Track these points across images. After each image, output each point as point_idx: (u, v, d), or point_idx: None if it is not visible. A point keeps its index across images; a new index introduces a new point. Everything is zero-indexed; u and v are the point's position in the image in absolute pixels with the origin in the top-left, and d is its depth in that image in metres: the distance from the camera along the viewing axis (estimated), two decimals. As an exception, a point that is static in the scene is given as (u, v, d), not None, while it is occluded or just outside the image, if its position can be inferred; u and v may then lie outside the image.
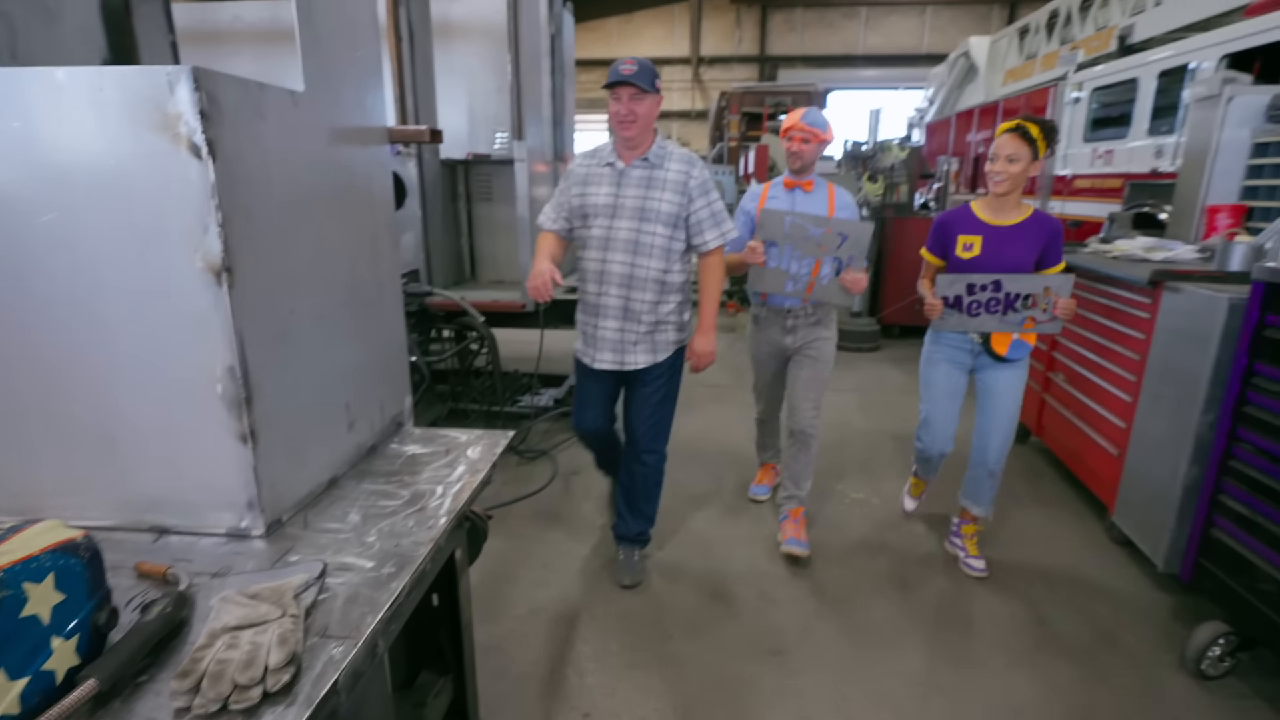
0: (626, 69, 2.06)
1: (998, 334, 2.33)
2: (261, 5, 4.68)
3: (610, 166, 2.21)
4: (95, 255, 1.03)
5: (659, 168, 2.19)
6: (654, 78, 2.10)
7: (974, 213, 2.36)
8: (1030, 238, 2.28)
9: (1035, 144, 2.18)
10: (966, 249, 2.33)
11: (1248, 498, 1.93)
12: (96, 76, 0.96)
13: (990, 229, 2.32)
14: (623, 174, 2.19)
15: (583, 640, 2.21)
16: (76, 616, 0.79)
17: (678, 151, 2.24)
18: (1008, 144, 2.19)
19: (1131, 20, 7.10)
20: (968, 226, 2.35)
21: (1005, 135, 2.20)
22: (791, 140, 2.52)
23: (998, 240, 2.30)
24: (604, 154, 2.24)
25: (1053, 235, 2.29)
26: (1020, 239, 2.28)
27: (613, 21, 18.73)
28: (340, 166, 1.36)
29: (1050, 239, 2.29)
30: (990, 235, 2.31)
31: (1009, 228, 2.30)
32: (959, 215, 2.39)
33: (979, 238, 2.31)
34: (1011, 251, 2.29)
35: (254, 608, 0.88)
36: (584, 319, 2.36)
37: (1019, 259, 2.28)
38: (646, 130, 2.15)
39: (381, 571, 1.05)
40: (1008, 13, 17.19)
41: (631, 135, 2.13)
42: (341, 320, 1.37)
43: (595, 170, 2.23)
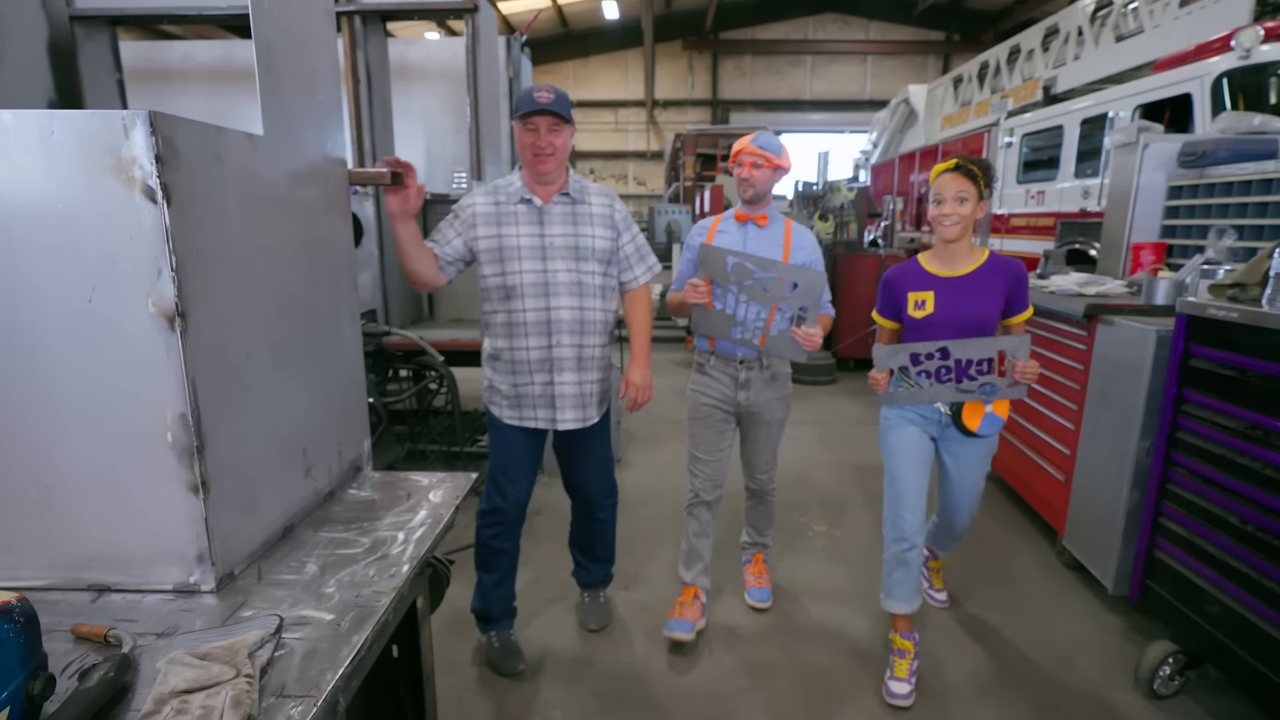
0: (544, 96, 1.87)
1: (969, 406, 2.05)
2: (214, 44, 4.64)
3: (527, 204, 1.98)
4: (37, 301, 0.99)
5: (581, 202, 2.03)
6: (570, 106, 1.93)
7: (922, 266, 2.11)
8: (988, 285, 2.02)
9: (979, 181, 1.97)
10: (918, 306, 2.07)
11: (1186, 520, 2.02)
12: (46, 119, 0.94)
13: (942, 281, 2.05)
14: (543, 211, 1.98)
15: (549, 687, 2.14)
16: (8, 687, 0.73)
17: (592, 185, 2.10)
18: (953, 182, 1.96)
19: (1054, 72, 7.63)
20: (917, 282, 2.09)
21: (948, 174, 1.97)
22: (741, 166, 2.21)
23: (952, 293, 2.03)
24: (511, 191, 1.99)
25: (1015, 279, 2.03)
26: (977, 288, 2.02)
27: (569, 65, 19.16)
28: (300, 208, 1.34)
29: (1013, 284, 2.03)
30: (943, 288, 2.04)
31: (963, 277, 2.03)
32: (906, 271, 2.13)
33: (930, 293, 2.05)
34: (969, 304, 2.01)
35: (205, 669, 0.83)
36: (519, 379, 2.05)
37: (979, 311, 2.00)
38: (563, 163, 1.98)
39: (341, 624, 1.01)
40: (942, 62, 18.27)
41: (549, 169, 1.94)
42: (299, 363, 1.34)
43: (506, 209, 1.98)
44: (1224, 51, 4.72)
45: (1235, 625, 1.81)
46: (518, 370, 2.04)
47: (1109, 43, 6.91)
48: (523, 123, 1.90)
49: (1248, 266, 1.97)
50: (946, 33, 18.18)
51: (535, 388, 2.05)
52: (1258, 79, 4.66)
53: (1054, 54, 8.01)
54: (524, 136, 1.91)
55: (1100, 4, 7.19)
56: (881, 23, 18.54)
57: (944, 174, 1.98)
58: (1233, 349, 1.87)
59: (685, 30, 18.44)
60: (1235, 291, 1.96)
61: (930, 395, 2.05)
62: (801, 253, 2.25)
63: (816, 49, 18.88)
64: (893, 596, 2.14)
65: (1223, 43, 4.74)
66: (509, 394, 2.08)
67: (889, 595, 2.15)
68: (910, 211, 9.59)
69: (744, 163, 2.21)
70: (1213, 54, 4.81)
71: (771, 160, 2.20)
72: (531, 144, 1.90)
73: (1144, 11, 6.40)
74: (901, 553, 2.10)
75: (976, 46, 15.54)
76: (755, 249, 2.21)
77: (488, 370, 2.13)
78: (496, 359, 2.07)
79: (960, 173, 1.97)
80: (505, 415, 2.11)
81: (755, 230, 2.27)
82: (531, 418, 2.08)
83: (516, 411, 2.09)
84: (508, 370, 2.05)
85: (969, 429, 2.08)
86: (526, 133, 1.90)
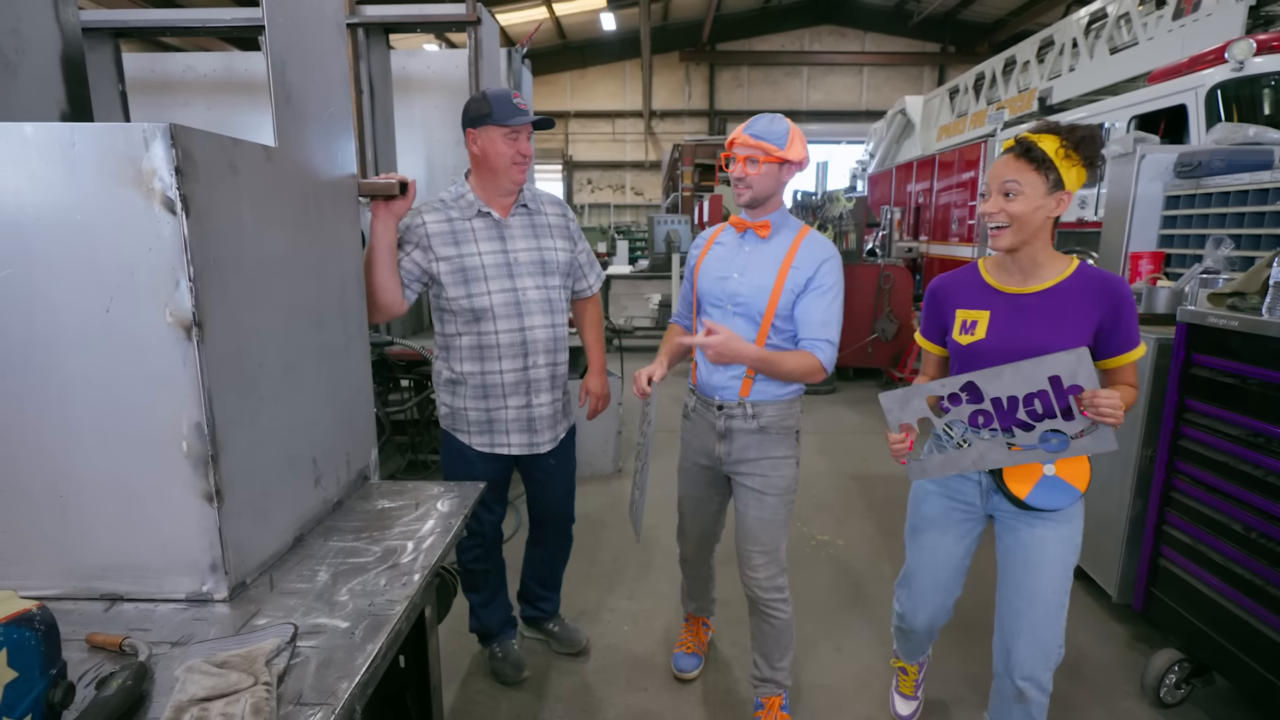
0: (524, 104, 1.77)
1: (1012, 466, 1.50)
2: (214, 56, 4.67)
3: (485, 217, 1.85)
4: (55, 312, 0.99)
5: (538, 213, 1.94)
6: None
7: (980, 275, 1.58)
8: (1070, 308, 1.46)
9: (1050, 166, 1.40)
10: (966, 329, 1.54)
11: (1189, 527, 2.03)
12: (68, 132, 0.95)
13: (1003, 299, 1.52)
14: (502, 225, 1.87)
15: (554, 698, 2.13)
16: (30, 695, 0.74)
17: (544, 194, 2.01)
18: (1001, 170, 1.45)
19: (1050, 84, 7.70)
20: (970, 296, 1.57)
21: (999, 159, 1.47)
22: (735, 162, 1.72)
23: (1014, 314, 1.50)
24: (464, 205, 1.84)
25: (1113, 303, 1.44)
26: (1052, 311, 1.47)
27: (566, 76, 19.30)
28: (310, 219, 1.36)
29: (1109, 309, 1.44)
30: (1003, 308, 1.51)
31: (1033, 295, 1.49)
32: (959, 280, 1.62)
33: (985, 313, 1.53)
34: (1035, 332, 1.46)
35: (223, 677, 0.84)
36: (492, 404, 1.91)
37: (1047, 343, 1.43)
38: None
39: (355, 632, 1.01)
40: (938, 73, 18.45)
41: (524, 180, 1.85)
42: (309, 373, 1.35)
43: (461, 225, 1.83)
44: (1218, 63, 4.78)
45: (1241, 632, 1.81)
46: (490, 394, 1.91)
47: (1103, 55, 6.99)
48: (504, 132, 1.76)
49: (1247, 275, 1.99)
50: (942, 44, 18.37)
51: (509, 411, 1.93)
52: (1251, 90, 4.72)
53: (1049, 65, 8.09)
54: (504, 145, 1.77)
55: (1095, 16, 7.27)
56: (877, 34, 18.73)
57: (1000, 156, 1.48)
58: (1233, 357, 1.89)
59: (682, 42, 18.61)
60: (1235, 300, 1.97)
61: (974, 459, 1.49)
62: (797, 273, 1.73)
63: (813, 60, 19.06)
64: (895, 645, 2.00)
65: (1216, 55, 4.80)
66: (478, 420, 1.94)
67: (895, 643, 1.99)
68: (908, 221, 9.65)
69: (737, 157, 1.71)
70: (1206, 66, 4.87)
71: (771, 153, 1.68)
72: (515, 152, 1.78)
73: (1138, 24, 6.48)
74: (900, 631, 1.89)
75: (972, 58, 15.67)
76: (748, 266, 1.78)
77: (446, 396, 1.97)
78: (460, 384, 1.92)
79: (1015, 155, 1.43)
80: (475, 443, 1.95)
81: (754, 243, 1.80)
82: (504, 444, 1.95)
83: (488, 438, 1.95)
84: (477, 395, 1.91)
85: (1014, 496, 1.51)
86: (508, 141, 1.77)
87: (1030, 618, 1.54)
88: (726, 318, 1.79)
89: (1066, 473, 1.47)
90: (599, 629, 2.49)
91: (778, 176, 1.73)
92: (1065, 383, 1.37)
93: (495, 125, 1.75)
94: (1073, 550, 1.54)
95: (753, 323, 1.77)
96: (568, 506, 2.23)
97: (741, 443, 1.83)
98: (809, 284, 1.74)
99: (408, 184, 1.70)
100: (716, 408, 1.83)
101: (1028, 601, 1.54)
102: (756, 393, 1.80)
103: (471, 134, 1.80)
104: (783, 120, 1.72)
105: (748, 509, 1.86)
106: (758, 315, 1.76)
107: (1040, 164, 1.40)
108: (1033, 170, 1.41)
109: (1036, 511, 1.52)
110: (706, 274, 1.85)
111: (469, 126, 1.80)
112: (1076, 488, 1.48)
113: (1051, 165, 1.40)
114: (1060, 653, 1.56)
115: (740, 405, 1.81)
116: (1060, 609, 1.54)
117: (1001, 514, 1.59)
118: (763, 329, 1.76)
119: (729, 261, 1.82)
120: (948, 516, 1.65)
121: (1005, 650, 1.59)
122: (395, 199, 1.70)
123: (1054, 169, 1.40)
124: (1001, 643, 1.60)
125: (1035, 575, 1.53)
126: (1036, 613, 1.54)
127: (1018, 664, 1.56)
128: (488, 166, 1.82)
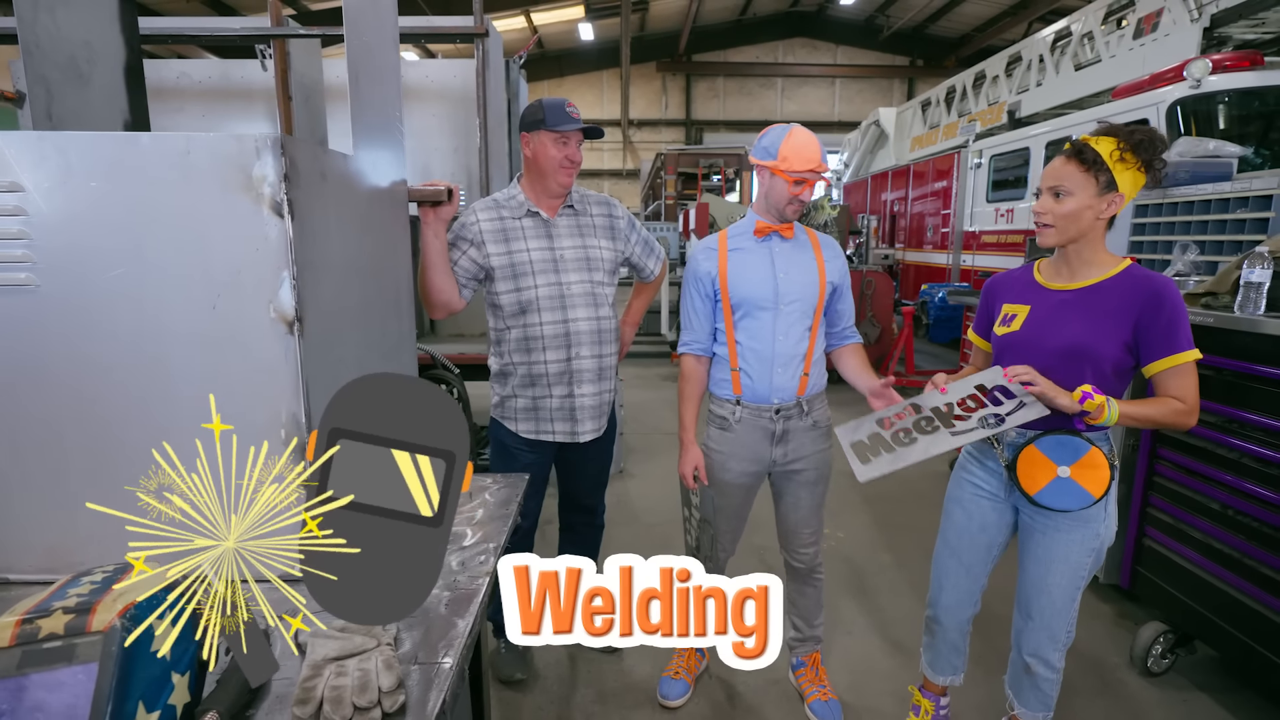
0: (576, 113, 1.89)
1: (1028, 457, 1.52)
2: (210, 63, 4.68)
3: (534, 217, 1.96)
4: (164, 308, 1.06)
5: (584, 214, 2.04)
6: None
7: (1033, 274, 1.63)
8: (1108, 306, 1.46)
9: (1103, 168, 1.42)
10: (1005, 322, 1.60)
11: (1171, 508, 2.20)
12: (184, 141, 1.03)
13: (1045, 294, 1.56)
14: (550, 224, 1.97)
15: (584, 683, 2.22)
16: (188, 652, 0.81)
17: (592, 195, 2.10)
18: (1052, 172, 1.48)
19: (1018, 98, 8.04)
20: (1017, 291, 1.62)
21: (1056, 159, 1.49)
22: (803, 185, 1.80)
23: (1053, 310, 1.53)
24: (514, 205, 1.96)
25: (1150, 302, 1.42)
26: (1090, 308, 1.48)
27: (545, 85, 19.40)
28: (375, 222, 1.44)
29: (1144, 308, 1.43)
30: (1043, 303, 1.55)
31: (1074, 292, 1.51)
32: (1013, 277, 1.68)
33: (1025, 307, 1.57)
34: (1070, 328, 1.48)
35: (348, 639, 0.91)
36: (538, 392, 2.01)
37: (1081, 339, 1.46)
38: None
39: (447, 605, 1.09)
40: (907, 86, 18.98)
41: (571, 183, 1.97)
42: (373, 368, 1.42)
43: (511, 224, 1.94)
44: (1177, 81, 5.08)
45: (1221, 602, 1.98)
46: (536, 384, 2.00)
47: (1069, 71, 7.33)
48: (557, 135, 1.87)
49: (1218, 276, 2.17)
50: (910, 58, 18.92)
51: (554, 400, 2.02)
52: (1208, 106, 5.03)
53: (1017, 80, 8.44)
54: (554, 149, 1.87)
55: (1060, 35, 7.63)
56: (849, 47, 19.22)
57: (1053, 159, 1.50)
58: (1208, 351, 2.06)
59: (659, 52, 18.87)
60: (1208, 299, 2.15)
61: (921, 451, 1.55)
62: (830, 268, 1.89)
63: (787, 72, 19.48)
64: (923, 657, 1.94)
65: (1175, 73, 5.11)
66: (525, 407, 2.04)
67: (922, 653, 1.95)
68: (884, 229, 9.93)
69: (806, 182, 1.80)
70: (1167, 83, 5.17)
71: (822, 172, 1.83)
72: (564, 157, 1.89)
73: (1100, 42, 6.82)
74: (927, 620, 1.89)
75: (940, 71, 16.20)
76: (789, 266, 1.86)
77: (498, 386, 2.08)
78: (510, 374, 2.03)
79: (1067, 157, 1.46)
80: (522, 429, 2.05)
81: (780, 244, 1.89)
82: (549, 431, 2.05)
83: (533, 425, 2.04)
84: (525, 384, 2.01)
85: (1025, 491, 1.53)
86: (559, 146, 1.87)
87: (1039, 605, 1.62)
88: (780, 319, 1.85)
89: (1081, 477, 1.48)
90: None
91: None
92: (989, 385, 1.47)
93: (547, 130, 1.86)
94: (1089, 553, 1.56)
95: (806, 319, 1.87)
96: (599, 494, 2.33)
97: (798, 441, 1.92)
98: (842, 277, 1.93)
99: (453, 190, 1.79)
100: (774, 412, 1.89)
101: (1037, 592, 1.62)
102: (810, 388, 1.92)
103: (525, 137, 1.91)
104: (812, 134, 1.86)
105: (800, 500, 1.99)
106: (811, 311, 1.87)
107: (1092, 165, 1.42)
108: (1083, 172, 1.43)
109: (1050, 511, 1.55)
110: (739, 280, 1.86)
111: (524, 130, 1.92)
112: (1091, 493, 1.48)
113: (1104, 167, 1.41)
114: (1070, 636, 1.65)
115: (797, 404, 1.90)
116: (1069, 603, 1.60)
117: (1023, 506, 1.65)
118: (815, 323, 1.89)
119: (764, 265, 1.86)
120: (975, 503, 1.71)
121: (1018, 627, 1.70)
122: (442, 204, 1.79)
123: (1106, 171, 1.41)
124: (1017, 618, 1.71)
125: (1045, 570, 1.59)
126: (1044, 604, 1.61)
127: (1026, 641, 1.68)
128: (537, 169, 1.93)
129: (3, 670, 0.67)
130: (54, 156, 1.01)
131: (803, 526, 2.01)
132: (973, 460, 1.73)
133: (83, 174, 1.02)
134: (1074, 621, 1.64)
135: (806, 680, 2.13)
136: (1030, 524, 1.63)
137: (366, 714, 0.80)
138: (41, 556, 1.12)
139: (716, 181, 11.70)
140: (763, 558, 2.99)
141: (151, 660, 0.74)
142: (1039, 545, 1.61)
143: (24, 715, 0.66)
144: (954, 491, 1.78)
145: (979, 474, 1.71)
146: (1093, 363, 1.46)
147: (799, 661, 2.16)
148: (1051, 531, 1.58)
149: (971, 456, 1.75)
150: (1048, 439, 1.50)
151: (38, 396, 1.08)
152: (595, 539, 2.43)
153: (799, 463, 1.94)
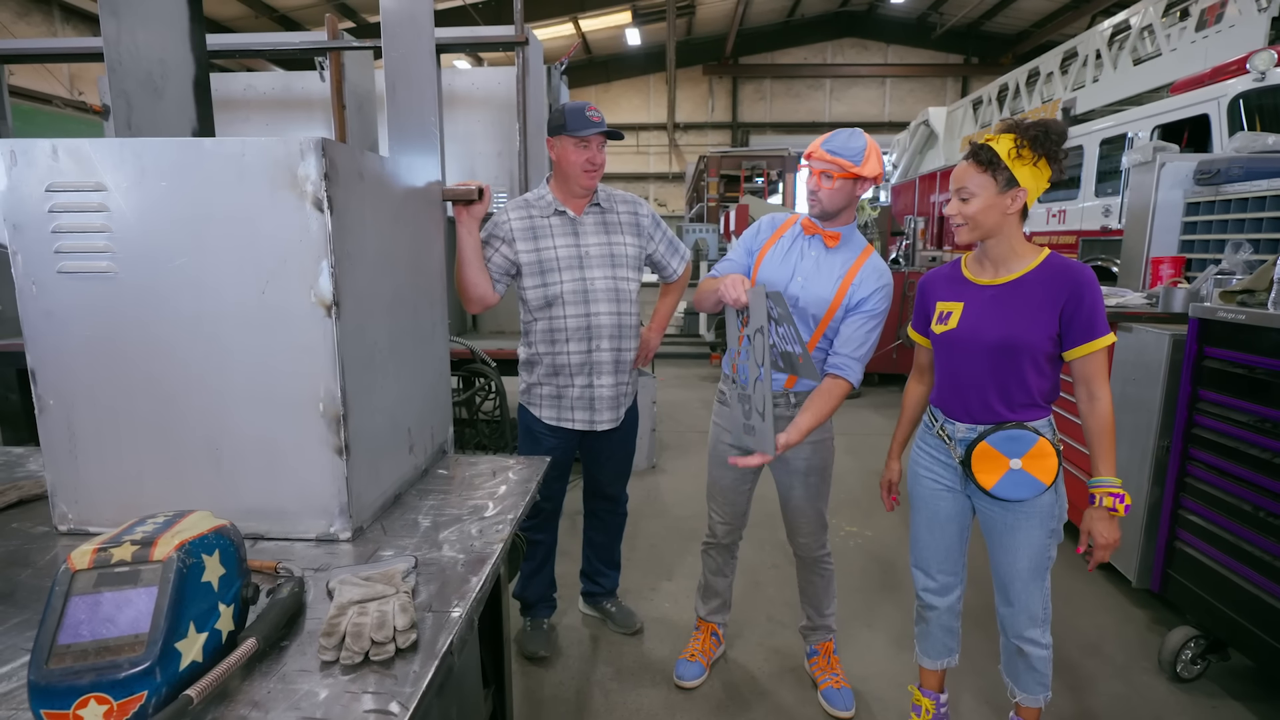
0: (597, 116, 1.97)
1: (981, 456, 1.60)
2: (273, 75, 4.99)
3: (561, 215, 2.07)
4: (219, 294, 1.20)
5: (610, 212, 2.13)
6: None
7: (961, 270, 1.70)
8: (1035, 298, 1.55)
9: (1001, 167, 1.49)
10: (941, 320, 1.67)
11: (1204, 510, 2.15)
12: (239, 145, 1.16)
13: (976, 290, 1.63)
14: (577, 222, 2.08)
15: (604, 661, 2.31)
16: (233, 588, 0.93)
17: (618, 194, 2.19)
18: (958, 174, 1.56)
19: (1073, 95, 7.79)
20: (949, 289, 1.69)
21: (959, 163, 1.58)
22: (811, 175, 1.81)
23: (984, 305, 1.60)
24: (543, 205, 2.07)
25: (1072, 290, 1.51)
26: (1018, 300, 1.56)
27: (592, 90, 19.69)
28: (409, 219, 1.56)
29: (1068, 297, 1.51)
30: (975, 299, 1.63)
31: (1002, 286, 1.59)
32: (942, 275, 1.74)
33: (959, 304, 1.64)
34: (1002, 321, 1.57)
35: (370, 587, 1.02)
36: (561, 381, 2.13)
37: (1013, 332, 1.55)
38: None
39: (463, 564, 1.20)
40: (961, 85, 18.49)
41: (596, 184, 2.07)
42: (406, 353, 1.55)
43: (540, 222, 2.06)
44: (1240, 74, 4.87)
45: (1253, 607, 1.93)
46: (559, 373, 2.13)
47: (1127, 66, 7.08)
48: (578, 140, 1.97)
49: (1256, 274, 2.12)
50: (965, 56, 18.45)
51: (575, 390, 2.14)
52: (1274, 100, 4.80)
53: (1073, 76, 8.18)
54: (576, 153, 1.98)
55: (1118, 28, 7.37)
56: (900, 46, 18.86)
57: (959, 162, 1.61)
58: (1242, 348, 2.02)
59: (705, 56, 18.91)
60: (1244, 297, 2.10)
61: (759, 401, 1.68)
62: (855, 291, 1.83)
63: (835, 72, 19.23)
64: (917, 647, 1.96)
65: (1238, 65, 4.89)
66: (550, 395, 2.17)
67: (916, 644, 1.97)
68: (931, 231, 9.73)
69: (813, 170, 1.79)
70: (1229, 76, 4.96)
71: (847, 169, 1.74)
72: (583, 160, 1.98)
73: (1161, 36, 6.56)
74: (919, 609, 1.92)
75: (995, 69, 15.75)
76: (812, 273, 1.86)
77: (525, 374, 2.22)
78: (536, 364, 2.16)
79: (965, 159, 1.56)
80: (545, 415, 2.18)
81: (819, 249, 1.87)
82: (569, 419, 2.17)
83: (555, 412, 2.17)
84: (549, 373, 2.14)
85: (982, 486, 1.62)
86: (580, 150, 1.97)
87: (1013, 590, 1.70)
88: None
89: (1032, 467, 1.58)
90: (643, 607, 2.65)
91: (851, 192, 1.81)
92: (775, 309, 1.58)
93: (568, 135, 1.97)
94: (1048, 534, 1.65)
95: (805, 328, 1.86)
96: (620, 484, 2.40)
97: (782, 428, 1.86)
98: (861, 304, 1.84)
99: (484, 189, 1.91)
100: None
101: (1010, 579, 1.70)
102: (799, 385, 1.92)
103: (550, 142, 2.04)
104: (861, 136, 1.77)
105: (792, 487, 2.04)
106: (812, 322, 1.86)
107: (989, 166, 1.50)
108: (982, 172, 1.51)
109: (1001, 501, 1.63)
110: (767, 265, 1.90)
111: (549, 135, 2.03)
112: (1042, 481, 1.59)
113: (1002, 166, 1.49)
114: (1047, 612, 1.71)
115: (785, 396, 1.94)
116: (1038, 581, 1.68)
117: (977, 498, 1.72)
118: (815, 336, 1.88)
119: (792, 263, 1.88)
120: (937, 497, 1.77)
121: (1001, 614, 1.77)
122: (474, 203, 1.91)
123: (1005, 169, 1.49)
124: (999, 606, 1.77)
125: (1013, 558, 1.68)
126: (1016, 589, 1.70)
127: (1008, 626, 1.75)
128: (561, 171, 2.04)
129: (82, 587, 0.80)
130: (131, 160, 1.16)
131: (799, 516, 2.07)
132: (925, 454, 1.79)
133: (154, 175, 1.17)
134: (1048, 597, 1.71)
135: (819, 668, 2.21)
136: (990, 515, 1.70)
137: (383, 648, 0.91)
138: (116, 511, 1.27)
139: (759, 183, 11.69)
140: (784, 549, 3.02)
141: (202, 589, 0.86)
142: (1002, 536, 1.68)
143: (98, 625, 0.78)
144: (914, 488, 1.84)
145: (935, 469, 1.77)
146: (1029, 355, 1.56)
147: (812, 649, 2.24)
148: (1011, 521, 1.66)
149: (924, 451, 1.80)
150: (998, 435, 1.60)
151: (115, 371, 1.23)
152: (618, 525, 2.52)
153: (787, 451, 1.90)
